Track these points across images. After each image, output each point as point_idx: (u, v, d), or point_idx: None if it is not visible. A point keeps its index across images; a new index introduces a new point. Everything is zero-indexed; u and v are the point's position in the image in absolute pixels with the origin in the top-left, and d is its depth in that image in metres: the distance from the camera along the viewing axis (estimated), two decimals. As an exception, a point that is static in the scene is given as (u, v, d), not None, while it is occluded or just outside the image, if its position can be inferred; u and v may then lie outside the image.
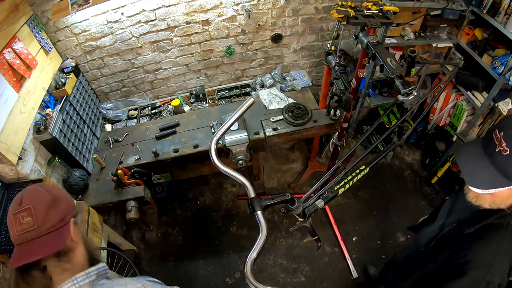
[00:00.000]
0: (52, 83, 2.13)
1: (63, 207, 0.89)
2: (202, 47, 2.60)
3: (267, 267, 2.52)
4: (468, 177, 0.92)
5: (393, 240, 2.64)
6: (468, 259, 1.02)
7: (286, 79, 2.83)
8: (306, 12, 2.57)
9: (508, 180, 0.86)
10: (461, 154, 0.98)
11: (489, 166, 0.89)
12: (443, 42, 2.50)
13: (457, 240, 1.10)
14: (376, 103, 2.88)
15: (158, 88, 2.83)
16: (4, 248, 1.48)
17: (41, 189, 0.89)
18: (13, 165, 1.66)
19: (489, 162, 0.89)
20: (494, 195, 0.92)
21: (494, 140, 0.89)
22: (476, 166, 0.92)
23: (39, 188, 0.90)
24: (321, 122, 2.35)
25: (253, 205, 0.87)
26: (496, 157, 0.88)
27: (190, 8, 2.32)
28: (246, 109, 0.99)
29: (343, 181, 1.20)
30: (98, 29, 2.28)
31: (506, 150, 0.85)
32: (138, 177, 2.13)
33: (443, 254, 1.15)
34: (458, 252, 1.07)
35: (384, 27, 1.79)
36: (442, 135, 2.91)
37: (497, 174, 0.87)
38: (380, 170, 3.08)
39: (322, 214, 2.78)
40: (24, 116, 1.79)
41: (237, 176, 0.92)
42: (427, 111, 1.87)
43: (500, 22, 1.98)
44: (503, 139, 0.86)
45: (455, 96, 2.59)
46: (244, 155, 2.21)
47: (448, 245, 1.14)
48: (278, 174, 3.16)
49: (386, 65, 1.44)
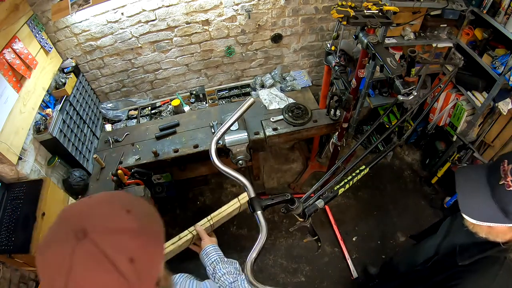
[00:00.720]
0: (52, 83, 2.12)
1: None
2: (202, 47, 2.60)
3: (267, 267, 2.52)
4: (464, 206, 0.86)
5: (393, 240, 2.64)
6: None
7: (286, 79, 2.83)
8: (306, 12, 2.57)
9: (506, 218, 0.80)
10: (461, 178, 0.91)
11: (489, 199, 0.83)
12: (443, 42, 2.50)
13: (451, 267, 1.07)
14: (376, 103, 2.88)
15: (158, 88, 2.83)
16: (4, 248, 1.47)
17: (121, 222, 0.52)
18: (13, 165, 1.65)
19: (490, 194, 0.83)
20: (491, 227, 0.86)
21: (501, 171, 0.82)
22: (475, 195, 0.86)
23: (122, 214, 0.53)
24: (321, 122, 2.35)
25: (253, 205, 0.87)
26: (499, 191, 0.81)
27: (190, 8, 2.32)
28: (246, 109, 0.99)
29: (343, 181, 1.20)
30: (98, 29, 2.28)
31: (510, 185, 0.78)
32: (138, 177, 2.13)
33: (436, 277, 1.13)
34: (449, 280, 1.05)
35: (384, 27, 1.79)
36: (442, 135, 2.91)
37: (496, 209, 0.81)
38: (380, 170, 3.08)
39: (322, 214, 2.78)
40: (24, 116, 1.79)
41: (237, 176, 0.92)
42: (427, 111, 1.87)
43: (500, 22, 1.98)
44: (509, 173, 0.79)
45: (455, 96, 2.59)
46: (244, 155, 2.22)
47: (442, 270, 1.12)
48: (278, 174, 3.16)
49: (386, 65, 1.44)
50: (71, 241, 0.48)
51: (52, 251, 0.49)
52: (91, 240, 0.48)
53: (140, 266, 0.50)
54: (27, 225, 1.52)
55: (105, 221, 0.52)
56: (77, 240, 0.48)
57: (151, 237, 0.55)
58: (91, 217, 0.52)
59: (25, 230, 1.50)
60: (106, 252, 0.48)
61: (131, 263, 0.49)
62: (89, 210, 0.54)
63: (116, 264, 0.48)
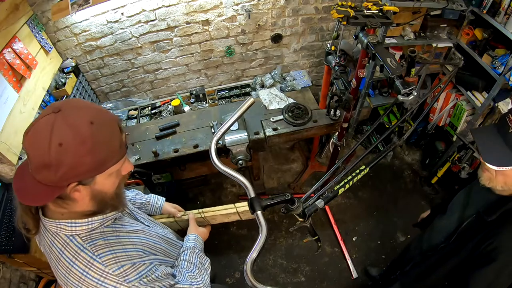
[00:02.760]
0: (52, 83, 2.13)
1: (87, 164, 0.71)
2: (202, 47, 2.60)
3: (267, 267, 2.52)
4: (485, 154, 1.01)
5: (393, 240, 2.63)
6: (495, 246, 1.08)
7: (286, 79, 2.83)
8: (306, 12, 2.57)
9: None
10: (478, 136, 1.07)
11: (502, 146, 0.98)
12: (443, 42, 2.50)
13: (480, 230, 1.14)
14: (376, 103, 2.88)
15: (158, 88, 2.83)
16: (4, 248, 1.47)
17: (84, 120, 0.71)
18: (13, 165, 1.65)
19: (503, 141, 0.98)
20: (505, 176, 1.00)
21: (508, 122, 0.97)
22: (492, 145, 1.00)
23: (84, 115, 0.72)
24: (321, 122, 2.35)
25: (253, 205, 0.87)
26: (510, 137, 0.96)
27: (190, 8, 2.32)
28: (246, 109, 0.99)
29: (343, 181, 1.20)
30: (98, 29, 2.28)
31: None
32: (138, 177, 2.13)
33: (466, 246, 1.19)
34: (483, 241, 1.11)
35: (384, 27, 1.78)
36: (442, 135, 2.91)
37: (510, 153, 0.96)
38: (380, 170, 3.08)
39: (322, 214, 2.78)
40: (24, 116, 1.79)
41: (237, 176, 0.92)
42: (427, 111, 1.87)
43: (500, 22, 1.98)
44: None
45: (455, 96, 2.59)
46: (244, 155, 2.21)
47: (471, 237, 1.17)
48: (278, 174, 3.16)
49: (386, 65, 1.44)
50: (50, 114, 0.70)
51: (38, 123, 0.71)
52: (64, 111, 0.71)
53: (98, 126, 0.73)
54: (27, 225, 1.52)
55: (75, 104, 0.77)
56: (54, 113, 0.70)
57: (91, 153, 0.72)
58: (66, 102, 0.79)
59: (25, 230, 1.50)
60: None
61: (91, 124, 0.71)
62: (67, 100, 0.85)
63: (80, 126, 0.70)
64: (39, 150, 0.69)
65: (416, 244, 1.70)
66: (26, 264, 1.51)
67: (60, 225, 0.81)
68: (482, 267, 1.11)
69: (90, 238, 0.83)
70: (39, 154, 0.69)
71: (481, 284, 1.13)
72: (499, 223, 1.09)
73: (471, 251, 1.17)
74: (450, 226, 1.31)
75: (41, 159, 0.69)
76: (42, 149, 0.68)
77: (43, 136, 0.68)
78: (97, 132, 0.72)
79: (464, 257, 1.21)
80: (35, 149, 0.70)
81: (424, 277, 1.48)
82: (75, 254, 0.80)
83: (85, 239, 0.82)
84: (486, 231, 1.11)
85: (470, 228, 1.21)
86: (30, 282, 1.71)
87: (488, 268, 1.09)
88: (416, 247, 1.66)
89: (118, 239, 0.88)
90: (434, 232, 1.50)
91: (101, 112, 0.77)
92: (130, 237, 0.93)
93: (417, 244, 1.68)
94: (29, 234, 0.85)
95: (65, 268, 0.81)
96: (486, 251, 1.10)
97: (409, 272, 1.60)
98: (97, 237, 0.84)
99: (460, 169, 2.60)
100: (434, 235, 1.47)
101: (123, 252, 0.86)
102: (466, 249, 1.19)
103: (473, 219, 1.20)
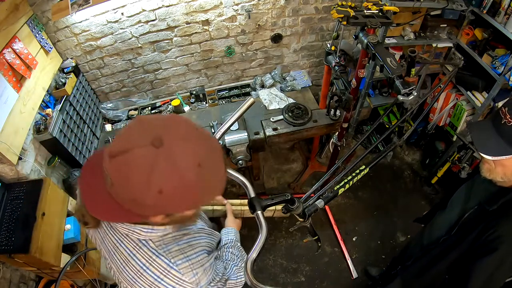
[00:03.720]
0: (52, 83, 2.12)
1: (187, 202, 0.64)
2: (202, 47, 2.60)
3: (267, 267, 2.52)
4: (479, 146, 1.04)
5: (393, 240, 2.64)
6: (497, 235, 1.08)
7: (286, 79, 2.83)
8: (306, 12, 2.57)
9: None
10: (473, 128, 1.10)
11: (496, 136, 1.00)
12: (443, 42, 2.50)
13: (482, 220, 1.15)
14: (376, 103, 2.88)
15: (158, 88, 2.83)
16: (4, 248, 1.47)
17: (191, 163, 0.60)
18: (13, 165, 1.65)
19: (496, 132, 1.00)
20: (504, 167, 1.01)
21: (501, 114, 1.00)
22: (486, 137, 1.03)
23: (192, 153, 0.61)
24: (321, 122, 2.35)
25: (253, 205, 0.87)
26: (502, 128, 0.99)
27: (190, 8, 2.32)
28: (246, 109, 0.99)
29: (343, 181, 1.20)
30: (98, 29, 2.28)
31: (510, 121, 0.97)
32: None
33: (468, 237, 1.19)
34: (485, 231, 1.12)
35: (384, 27, 1.79)
36: (442, 135, 2.91)
37: (503, 143, 0.98)
38: (380, 170, 3.08)
39: (322, 214, 2.78)
40: (24, 116, 1.79)
41: (237, 176, 0.92)
42: (427, 111, 1.87)
43: (500, 22, 1.98)
44: (507, 112, 0.97)
45: (455, 96, 2.59)
46: (244, 155, 2.21)
47: (473, 228, 1.18)
48: (278, 174, 3.16)
49: (386, 65, 1.44)
50: (149, 147, 0.58)
51: (133, 154, 0.58)
52: (168, 147, 0.58)
53: (206, 170, 0.62)
54: (27, 225, 1.52)
55: (179, 134, 0.62)
56: (155, 147, 0.58)
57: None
58: (167, 128, 0.62)
59: (25, 230, 1.50)
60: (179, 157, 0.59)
61: (199, 167, 0.60)
62: (165, 122, 0.64)
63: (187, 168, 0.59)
64: (132, 188, 0.59)
65: (417, 241, 1.70)
66: (26, 264, 1.51)
67: (134, 229, 0.77)
68: (484, 257, 1.11)
69: (163, 243, 0.80)
70: (131, 191, 0.59)
71: (483, 274, 1.13)
72: (501, 213, 1.10)
73: (473, 242, 1.17)
74: (452, 220, 1.32)
75: (132, 195, 0.60)
76: (136, 188, 0.58)
77: (140, 173, 0.57)
78: (204, 177, 0.62)
79: (466, 249, 1.21)
80: (126, 185, 0.59)
81: (425, 271, 1.47)
82: (149, 259, 0.79)
83: (158, 244, 0.80)
84: (488, 220, 1.12)
85: (472, 219, 1.21)
86: (30, 282, 1.70)
87: (490, 257, 1.09)
88: (417, 244, 1.66)
89: (188, 243, 0.86)
90: (435, 227, 1.50)
91: (210, 148, 0.67)
92: (196, 238, 0.92)
93: (417, 241, 1.68)
94: (86, 227, 0.80)
95: (135, 271, 0.80)
96: (488, 241, 1.10)
97: (410, 267, 1.60)
98: (170, 242, 0.82)
99: (460, 169, 2.60)
100: (435, 230, 1.47)
101: (196, 258, 0.85)
102: (468, 240, 1.19)
103: (475, 210, 1.21)
